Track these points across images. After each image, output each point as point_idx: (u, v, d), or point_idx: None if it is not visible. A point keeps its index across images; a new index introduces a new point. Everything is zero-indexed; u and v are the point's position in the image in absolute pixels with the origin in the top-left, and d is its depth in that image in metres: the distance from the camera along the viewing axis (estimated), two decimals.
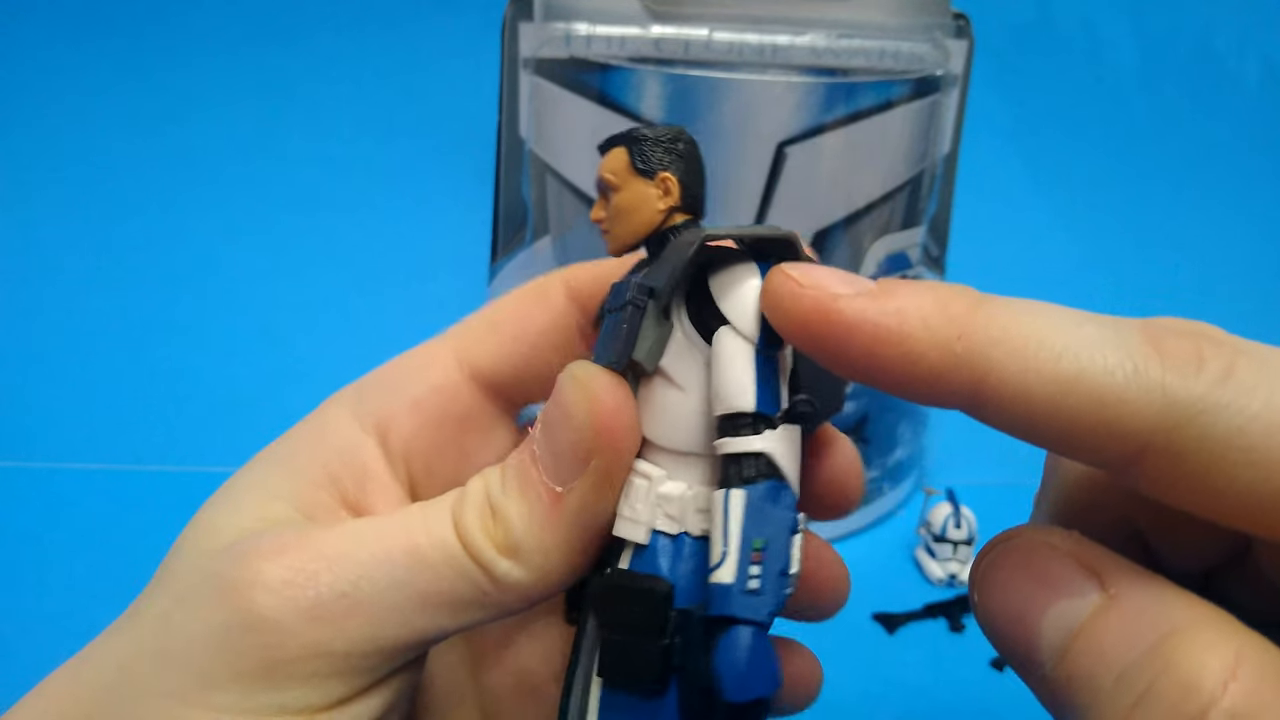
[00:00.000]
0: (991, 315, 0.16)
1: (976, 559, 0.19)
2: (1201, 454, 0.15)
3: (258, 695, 0.18)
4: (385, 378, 0.24)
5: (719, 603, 0.18)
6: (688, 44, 0.44)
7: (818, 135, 0.45)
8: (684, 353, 0.20)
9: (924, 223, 0.53)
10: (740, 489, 0.18)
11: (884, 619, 0.49)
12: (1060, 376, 0.16)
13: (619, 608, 0.19)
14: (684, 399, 0.20)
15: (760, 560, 0.18)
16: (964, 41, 0.50)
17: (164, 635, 0.19)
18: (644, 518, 0.20)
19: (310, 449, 0.23)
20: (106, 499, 0.53)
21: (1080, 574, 0.17)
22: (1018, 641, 0.17)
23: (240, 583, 0.19)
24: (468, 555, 0.20)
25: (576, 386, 0.19)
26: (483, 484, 0.21)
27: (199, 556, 0.20)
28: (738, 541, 0.18)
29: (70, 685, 0.20)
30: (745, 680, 0.18)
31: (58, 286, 0.72)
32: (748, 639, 0.18)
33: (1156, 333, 0.16)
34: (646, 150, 0.20)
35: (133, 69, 0.91)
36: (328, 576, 0.19)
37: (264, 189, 0.83)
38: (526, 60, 0.46)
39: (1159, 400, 0.16)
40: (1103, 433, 0.16)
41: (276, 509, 0.21)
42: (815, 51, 0.45)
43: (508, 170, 0.49)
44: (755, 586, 0.18)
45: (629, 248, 0.21)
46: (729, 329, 0.19)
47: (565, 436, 0.19)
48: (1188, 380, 0.16)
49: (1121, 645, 0.16)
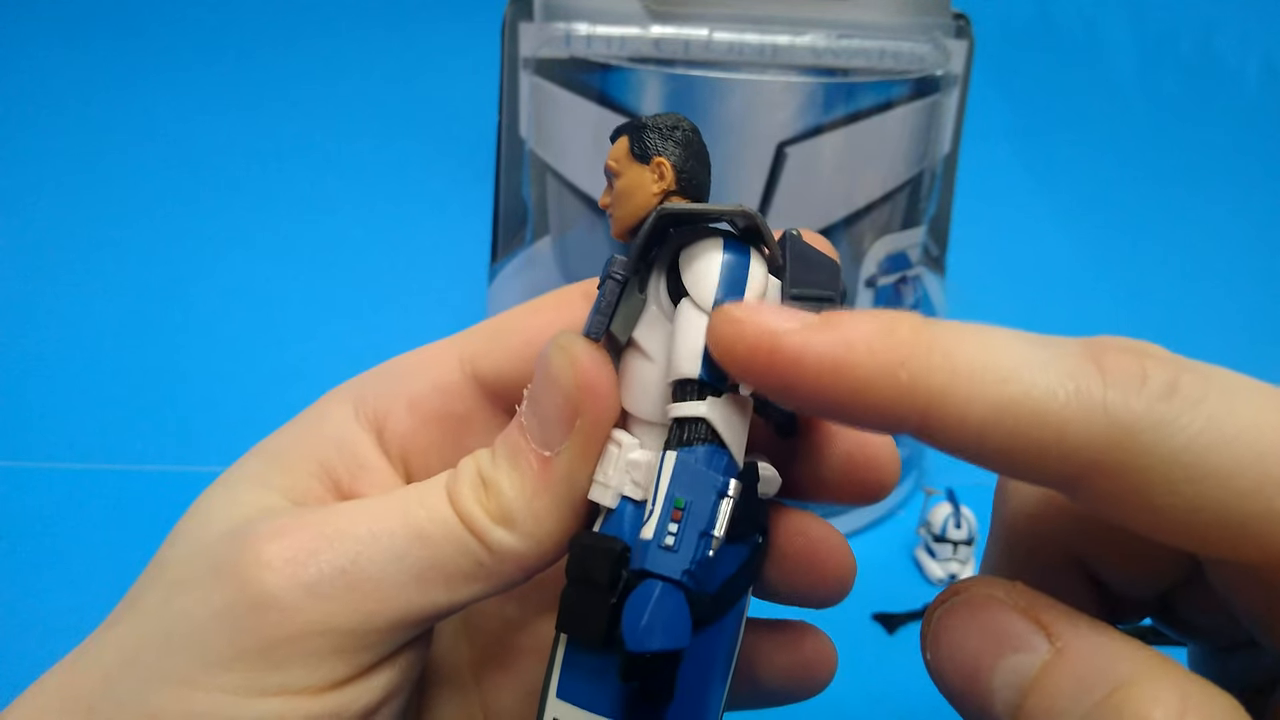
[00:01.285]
0: (935, 340, 0.16)
1: (926, 615, 0.19)
2: (1145, 471, 0.15)
3: (261, 675, 0.19)
4: (386, 374, 0.24)
5: (637, 557, 0.19)
6: (688, 44, 0.44)
7: (818, 135, 0.45)
8: (655, 324, 0.21)
9: (924, 223, 0.53)
10: (674, 450, 0.19)
11: (884, 619, 0.49)
12: (1004, 400, 0.16)
13: (578, 565, 0.20)
14: (653, 369, 0.21)
15: (679, 519, 0.19)
16: (964, 41, 0.50)
17: (166, 621, 0.19)
18: (613, 483, 0.20)
19: (306, 442, 0.23)
20: (106, 499, 0.53)
21: (1027, 627, 0.17)
22: (971, 697, 0.17)
23: (241, 564, 0.19)
24: (463, 526, 0.20)
25: (559, 352, 0.20)
26: (474, 460, 0.21)
27: (197, 543, 0.21)
28: (662, 500, 0.19)
29: (69, 678, 0.20)
30: (644, 632, 0.18)
31: (57, 286, 0.72)
32: (654, 592, 0.18)
33: (1099, 351, 0.16)
34: (644, 137, 0.21)
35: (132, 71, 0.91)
36: (327, 554, 0.19)
37: (264, 189, 0.83)
38: (526, 60, 0.46)
39: (1100, 419, 0.16)
40: (1048, 454, 0.16)
41: (272, 499, 0.21)
42: (815, 51, 0.45)
43: (508, 170, 0.49)
44: (670, 544, 0.18)
45: (630, 230, 0.21)
46: (687, 300, 0.20)
47: (551, 400, 0.20)
48: (1129, 397, 0.16)
49: (1071, 699, 0.16)
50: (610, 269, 0.21)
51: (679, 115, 0.21)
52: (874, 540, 0.56)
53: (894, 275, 0.52)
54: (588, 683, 0.20)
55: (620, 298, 0.20)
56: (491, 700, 0.26)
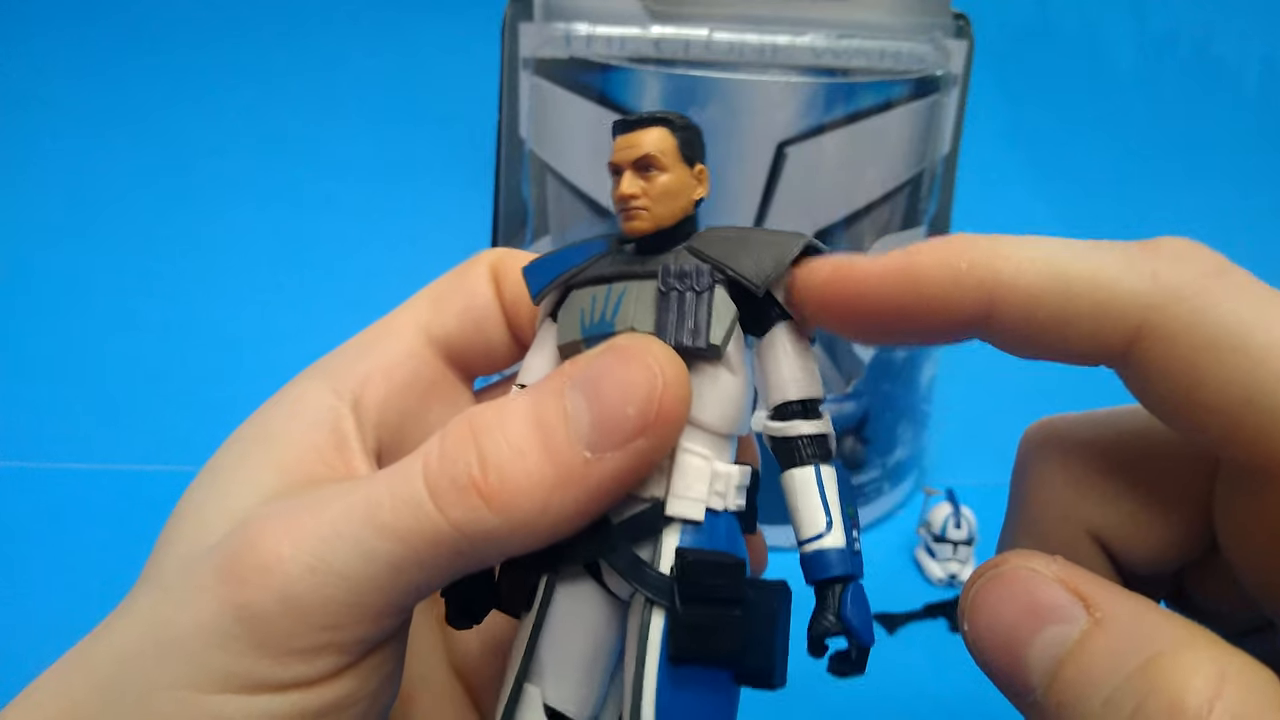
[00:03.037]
0: (992, 238, 0.18)
1: (965, 588, 0.19)
2: (1193, 335, 0.16)
3: (261, 674, 0.19)
4: (353, 350, 0.25)
5: (834, 566, 0.20)
6: (688, 44, 0.44)
7: (818, 135, 0.45)
8: (737, 340, 0.21)
9: (924, 223, 0.53)
10: (828, 465, 0.20)
11: (884, 619, 0.49)
12: (1059, 267, 0.17)
13: (702, 583, 0.19)
14: (736, 383, 0.20)
15: (856, 525, 0.20)
16: (964, 41, 0.50)
17: (159, 627, 0.19)
18: (702, 496, 0.20)
19: (288, 423, 0.23)
20: (106, 499, 0.53)
21: (1066, 599, 0.17)
22: (1008, 669, 0.18)
23: (228, 571, 0.19)
24: (438, 510, 0.19)
25: (650, 362, 0.19)
26: (466, 423, 0.19)
27: (189, 549, 0.21)
28: (839, 510, 0.20)
29: (64, 684, 0.20)
30: (870, 629, 0.20)
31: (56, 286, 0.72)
32: (864, 593, 0.20)
33: (1152, 241, 0.18)
34: (691, 139, 0.21)
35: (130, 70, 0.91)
36: (290, 552, 0.19)
37: (264, 189, 0.83)
38: (526, 60, 0.46)
39: (1149, 282, 0.17)
40: (1102, 317, 0.17)
41: (267, 483, 0.21)
42: (815, 51, 0.45)
43: (508, 170, 0.49)
44: (858, 548, 0.20)
45: (657, 230, 0.21)
46: (792, 323, 0.21)
47: (619, 408, 0.19)
48: (1179, 268, 0.17)
49: (1108, 668, 0.16)
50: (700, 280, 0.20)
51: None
52: (874, 540, 0.56)
53: None
54: (700, 697, 0.20)
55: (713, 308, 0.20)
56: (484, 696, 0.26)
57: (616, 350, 0.19)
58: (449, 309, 0.25)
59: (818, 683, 0.27)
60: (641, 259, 0.21)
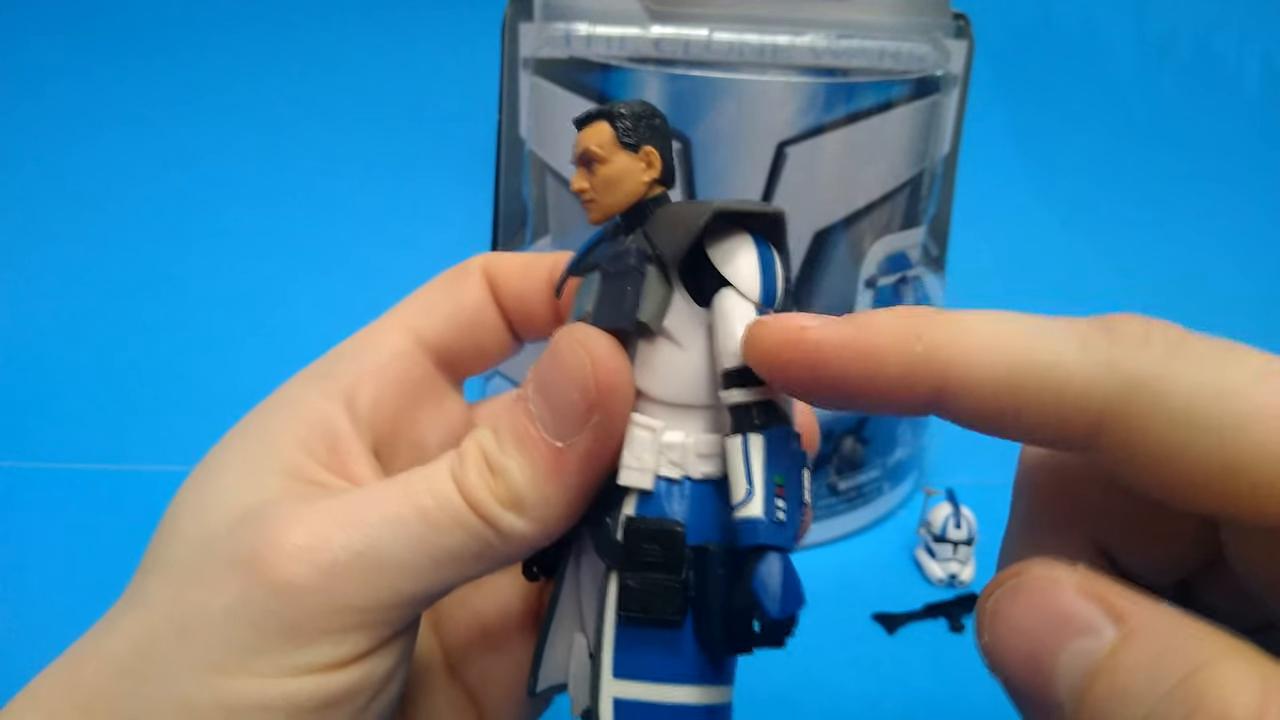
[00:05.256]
0: (947, 317, 0.18)
1: (981, 598, 0.18)
2: (1158, 419, 0.16)
3: (288, 657, 0.19)
4: (345, 352, 0.26)
5: (750, 534, 0.20)
6: (688, 44, 0.44)
7: (818, 135, 0.45)
8: (682, 313, 0.21)
9: (924, 223, 0.53)
10: (758, 433, 0.20)
11: (884, 619, 0.49)
12: (1015, 358, 0.17)
13: (641, 548, 0.21)
14: (684, 355, 0.21)
15: (782, 494, 0.20)
16: (964, 41, 0.50)
17: (179, 612, 0.20)
18: (650, 465, 0.21)
19: (285, 422, 0.24)
20: (106, 499, 0.53)
21: (1094, 609, 0.16)
22: (1032, 683, 0.17)
23: (259, 553, 0.20)
24: (472, 513, 0.21)
25: (578, 349, 0.21)
26: (476, 445, 0.22)
27: (203, 534, 0.21)
28: (761, 480, 0.20)
29: (74, 675, 0.20)
30: (783, 600, 0.19)
31: (55, 286, 0.72)
32: (780, 563, 0.20)
33: (1105, 319, 0.17)
34: (630, 125, 0.22)
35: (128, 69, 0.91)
36: (342, 539, 0.20)
37: (263, 189, 0.83)
38: (526, 60, 0.46)
39: (1107, 371, 0.16)
40: (1059, 409, 0.17)
41: (268, 482, 0.22)
42: (815, 51, 0.45)
43: (508, 170, 0.49)
44: (782, 518, 0.20)
45: (610, 217, 0.22)
46: (732, 290, 0.21)
47: (566, 396, 0.21)
48: (1136, 352, 0.16)
49: (1145, 683, 0.15)
50: (626, 261, 0.21)
51: (647, 102, 0.22)
52: (874, 540, 0.56)
53: (894, 275, 0.52)
54: (651, 656, 0.21)
55: (644, 288, 0.21)
56: (482, 692, 0.26)
57: (551, 347, 0.21)
58: (438, 312, 0.26)
59: (818, 682, 0.27)
60: (613, 244, 0.22)
